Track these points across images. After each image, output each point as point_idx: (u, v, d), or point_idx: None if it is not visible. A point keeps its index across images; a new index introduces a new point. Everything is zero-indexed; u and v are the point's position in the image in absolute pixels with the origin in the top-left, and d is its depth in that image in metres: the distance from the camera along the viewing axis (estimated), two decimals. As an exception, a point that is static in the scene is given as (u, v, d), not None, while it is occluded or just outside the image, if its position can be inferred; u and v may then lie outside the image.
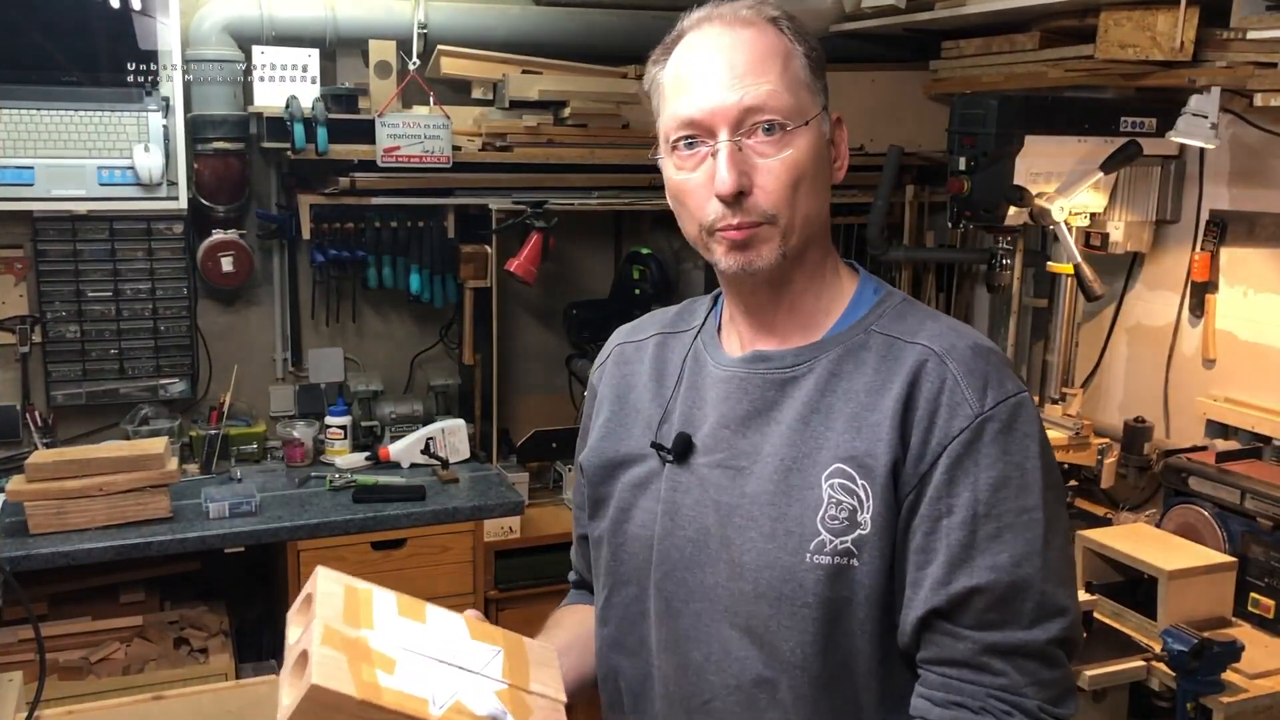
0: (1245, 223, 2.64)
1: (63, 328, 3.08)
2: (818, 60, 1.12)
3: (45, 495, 2.59)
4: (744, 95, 1.05)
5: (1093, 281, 2.63)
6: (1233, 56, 2.36)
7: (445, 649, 1.05)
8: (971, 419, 1.03)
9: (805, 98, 1.09)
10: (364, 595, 1.05)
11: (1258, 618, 2.31)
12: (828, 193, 1.13)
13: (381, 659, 1.00)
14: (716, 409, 1.15)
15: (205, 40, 3.01)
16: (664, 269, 3.39)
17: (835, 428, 1.07)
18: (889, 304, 1.14)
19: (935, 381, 1.05)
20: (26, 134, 2.88)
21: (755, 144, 1.06)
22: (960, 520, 1.02)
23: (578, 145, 3.24)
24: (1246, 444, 2.58)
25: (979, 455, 1.02)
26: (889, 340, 1.10)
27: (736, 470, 1.11)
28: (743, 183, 1.05)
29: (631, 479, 1.21)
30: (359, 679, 0.95)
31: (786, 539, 1.07)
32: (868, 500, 1.04)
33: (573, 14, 3.35)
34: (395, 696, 0.97)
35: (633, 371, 1.28)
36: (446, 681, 1.02)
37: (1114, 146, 2.58)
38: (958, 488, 1.02)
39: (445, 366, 3.52)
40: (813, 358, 1.11)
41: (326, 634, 0.98)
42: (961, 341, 1.08)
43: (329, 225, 3.16)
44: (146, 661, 2.74)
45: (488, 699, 1.03)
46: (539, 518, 3.12)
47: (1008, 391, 1.04)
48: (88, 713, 1.81)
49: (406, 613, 1.06)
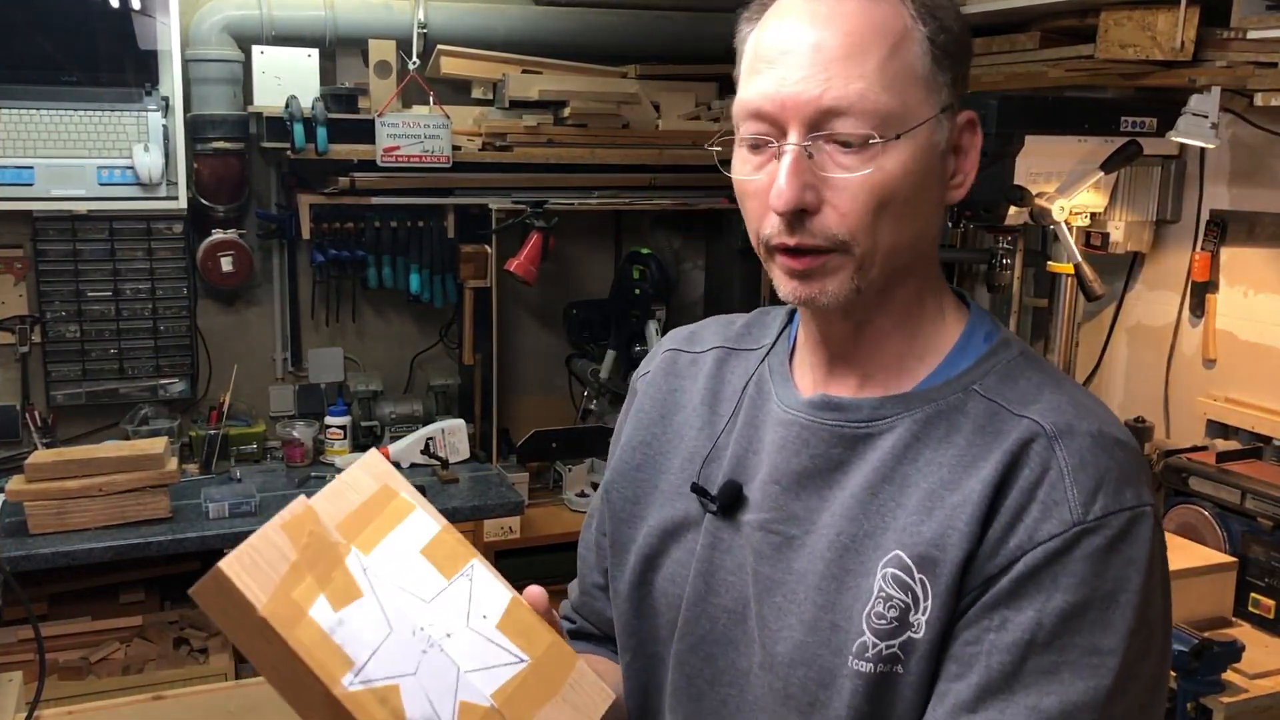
0: (1245, 223, 2.64)
1: (62, 328, 3.08)
2: (949, 44, 0.87)
3: (45, 495, 2.59)
4: (827, 90, 0.82)
5: (1093, 281, 2.63)
6: (1233, 56, 2.35)
7: (443, 621, 0.83)
8: (1067, 526, 0.81)
9: (914, 98, 0.85)
10: (395, 507, 0.85)
11: (1258, 618, 2.30)
12: (933, 216, 0.90)
13: (340, 587, 0.78)
14: (771, 458, 0.94)
15: (205, 40, 3.01)
16: (664, 269, 3.39)
17: (906, 505, 0.86)
18: (1000, 358, 0.91)
19: (1036, 469, 0.83)
20: (26, 134, 2.88)
21: (833, 152, 0.84)
22: (1012, 641, 0.81)
23: (578, 145, 3.24)
24: (1247, 444, 2.57)
25: (1062, 572, 0.81)
26: (992, 407, 0.88)
27: (784, 539, 0.91)
28: (806, 198, 0.84)
29: (663, 522, 1.00)
30: (282, 594, 0.75)
31: (831, 634, 0.87)
32: (925, 599, 0.84)
33: (573, 14, 3.35)
34: (311, 639, 0.75)
35: (683, 388, 1.05)
36: (401, 658, 0.79)
37: (1114, 146, 2.57)
38: (1022, 602, 0.81)
39: (445, 366, 3.52)
40: (895, 414, 0.90)
41: (294, 522, 0.79)
42: (1083, 424, 0.85)
43: (329, 225, 3.16)
44: (146, 661, 2.74)
45: (437, 702, 0.79)
46: (539, 518, 3.12)
47: (1125, 502, 0.82)
48: (87, 713, 1.81)
49: (434, 555, 0.85)
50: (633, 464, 1.05)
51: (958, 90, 0.88)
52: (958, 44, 0.88)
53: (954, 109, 0.88)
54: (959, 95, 0.89)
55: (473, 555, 0.87)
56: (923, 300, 0.93)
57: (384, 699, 0.76)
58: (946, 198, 0.90)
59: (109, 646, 2.76)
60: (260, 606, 0.73)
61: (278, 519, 0.79)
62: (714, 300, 3.66)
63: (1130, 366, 3.00)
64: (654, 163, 3.33)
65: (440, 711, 0.78)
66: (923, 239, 0.90)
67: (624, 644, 1.03)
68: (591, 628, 1.14)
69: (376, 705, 0.76)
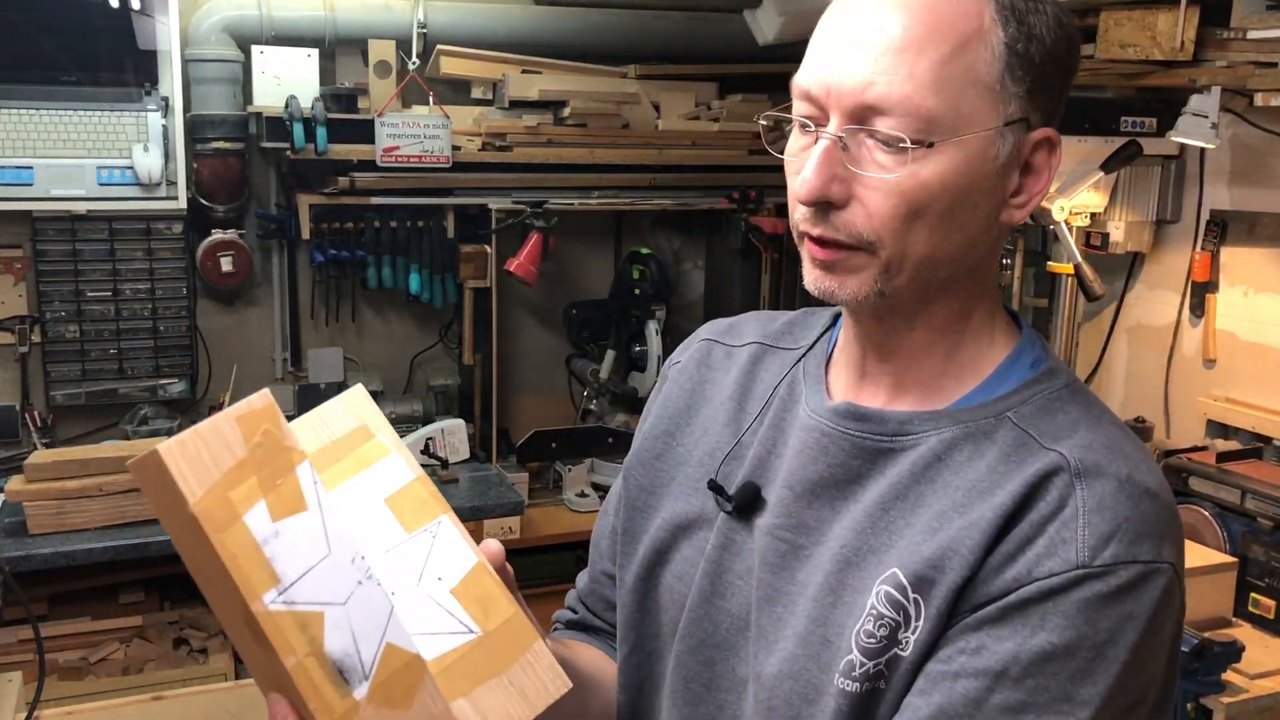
0: (1246, 222, 2.64)
1: (62, 328, 3.08)
2: (1031, 53, 0.79)
3: (45, 495, 2.59)
4: (871, 85, 0.77)
5: (1093, 281, 2.63)
6: (1233, 56, 2.35)
7: (394, 569, 0.76)
8: (1069, 567, 0.76)
9: (971, 105, 0.78)
10: (369, 449, 0.79)
11: (1258, 618, 2.30)
12: (982, 233, 0.83)
13: (284, 496, 0.71)
14: (789, 463, 0.90)
15: (205, 40, 3.01)
16: (664, 269, 3.39)
17: (915, 524, 0.82)
18: (1042, 388, 0.86)
19: (1053, 504, 0.78)
20: (26, 134, 2.87)
21: (872, 148, 0.79)
22: (982, 668, 0.76)
23: (578, 145, 3.24)
24: (1247, 444, 2.57)
25: (1053, 611, 0.76)
26: (1022, 437, 0.82)
27: (791, 547, 0.88)
28: (833, 191, 0.80)
29: (676, 516, 0.97)
30: (218, 492, 0.68)
31: (822, 649, 0.83)
32: (916, 619, 0.80)
33: (573, 14, 3.34)
34: (239, 546, 0.69)
35: (714, 380, 1.01)
36: (334, 584, 0.72)
37: (1114, 146, 2.57)
38: (1004, 631, 0.77)
39: (445, 366, 3.52)
40: (921, 431, 0.85)
41: (250, 416, 0.71)
42: (1113, 466, 0.79)
43: (328, 225, 3.15)
44: (146, 662, 2.74)
45: (360, 639, 0.72)
46: (539, 518, 3.12)
47: (1139, 555, 0.77)
48: (87, 713, 1.82)
49: (399, 505, 0.78)
50: (653, 453, 1.01)
51: (1038, 104, 0.81)
52: (1048, 56, 0.80)
53: (1027, 124, 0.81)
54: (1043, 110, 0.82)
55: (443, 511, 0.80)
56: (967, 318, 0.88)
57: (305, 624, 0.71)
58: (1005, 216, 0.84)
59: (109, 647, 2.75)
60: (192, 502, 0.68)
61: (234, 409, 0.72)
62: (714, 300, 3.66)
63: (1130, 366, 3.00)
64: (654, 163, 3.32)
65: (362, 649, 0.72)
66: (970, 255, 0.84)
67: (623, 636, 1.01)
68: (595, 618, 1.10)
69: (295, 629, 0.71)
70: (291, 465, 0.73)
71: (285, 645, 0.70)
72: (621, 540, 1.01)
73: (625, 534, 1.01)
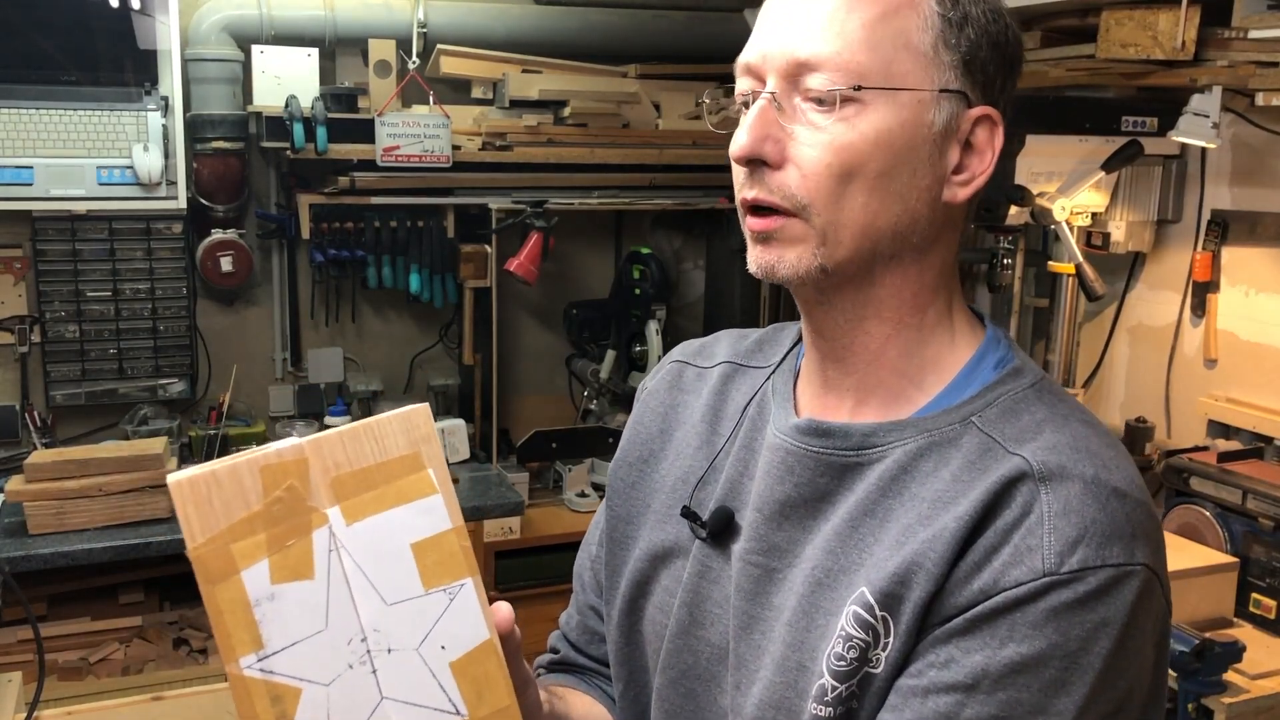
0: (1247, 222, 2.64)
1: (62, 328, 3.07)
2: (963, 25, 0.81)
3: (45, 495, 2.58)
4: (804, 43, 0.79)
5: (1094, 281, 2.63)
6: (1234, 56, 2.35)
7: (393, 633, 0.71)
8: (1036, 575, 0.74)
9: (904, 66, 0.79)
10: (413, 481, 0.72)
11: (1259, 618, 2.30)
12: (922, 205, 0.82)
13: (291, 559, 0.68)
14: (758, 485, 0.88)
15: (205, 40, 3.01)
16: (664, 269, 3.39)
17: (884, 540, 0.80)
18: (1007, 389, 0.83)
19: (1017, 511, 0.76)
20: (26, 134, 2.87)
21: (806, 109, 0.80)
22: (952, 682, 0.75)
23: (578, 145, 3.24)
24: (1248, 444, 2.57)
25: (1022, 621, 0.74)
26: (987, 442, 0.80)
27: (765, 571, 0.86)
28: (766, 149, 0.80)
29: (653, 546, 0.95)
30: (221, 542, 0.66)
31: (798, 674, 0.81)
32: (886, 636, 0.78)
33: (573, 13, 3.34)
34: (229, 602, 0.66)
35: (686, 403, 1.00)
36: (321, 663, 0.69)
37: (1115, 146, 2.57)
38: (972, 644, 0.75)
39: (445, 366, 3.52)
40: (887, 444, 0.83)
41: (278, 468, 0.67)
42: (1078, 467, 0.77)
43: (328, 225, 3.15)
44: (146, 662, 2.73)
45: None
46: (539, 518, 3.11)
47: (1109, 558, 0.74)
48: (87, 713, 1.81)
49: (424, 555, 0.72)
50: (628, 481, 1.00)
51: (975, 80, 0.82)
52: (983, 33, 0.81)
53: (966, 99, 0.81)
54: (982, 89, 0.82)
55: (469, 574, 0.74)
56: (922, 311, 0.85)
57: (278, 697, 0.67)
58: (948, 194, 0.83)
59: (108, 647, 2.75)
60: (191, 546, 0.65)
61: (262, 456, 0.69)
62: (714, 300, 3.66)
63: (1131, 366, 2.99)
64: (654, 163, 3.32)
65: None
66: (912, 230, 0.82)
67: (617, 673, 0.99)
68: (580, 655, 1.08)
69: (266, 700, 0.67)
70: (309, 528, 0.69)
71: (250, 713, 0.67)
72: (606, 574, 1.00)
73: (608, 567, 0.99)
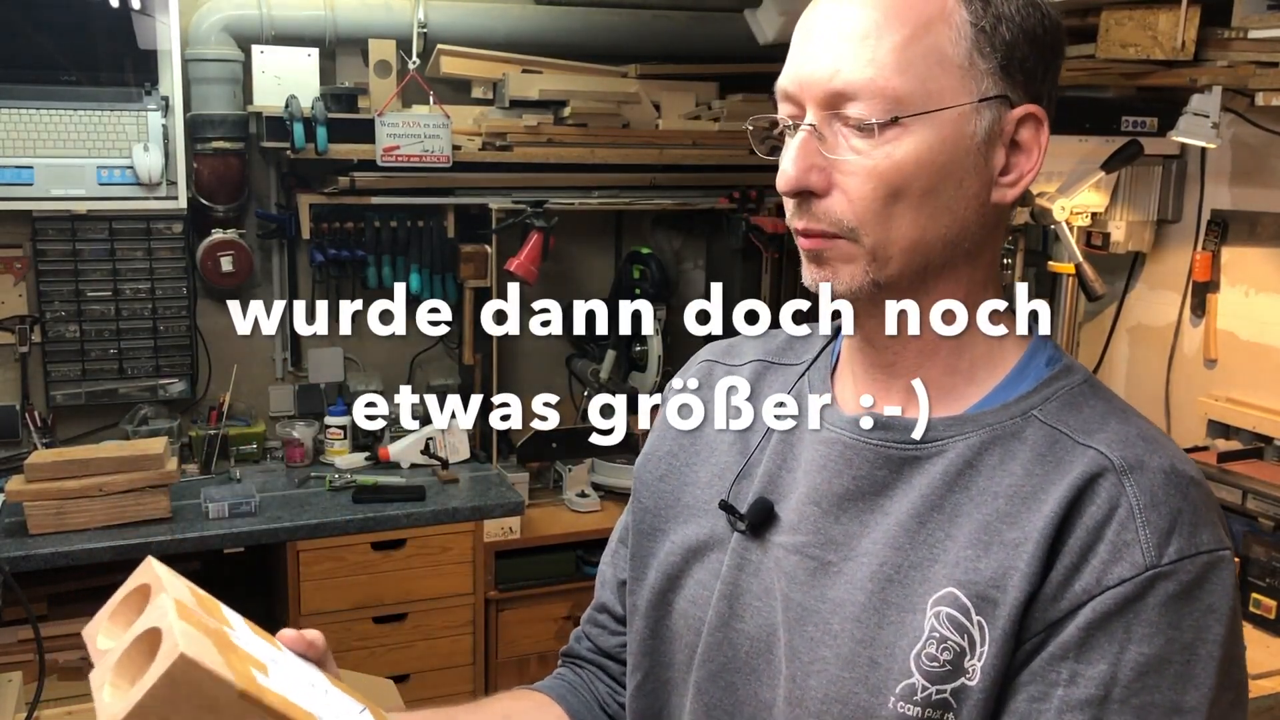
0: (1246, 222, 2.64)
1: (62, 328, 3.07)
2: (998, 29, 0.80)
3: (45, 495, 2.59)
4: (837, 72, 0.79)
5: (1094, 281, 2.63)
6: (1234, 56, 2.35)
7: (312, 680, 0.82)
8: (1139, 570, 0.74)
9: (940, 84, 0.79)
10: (209, 600, 0.80)
11: (1259, 618, 2.30)
12: (972, 213, 0.82)
13: (250, 657, 0.75)
14: (809, 478, 0.88)
15: (205, 40, 3.01)
16: (664, 269, 3.39)
17: (958, 537, 0.80)
18: (1064, 384, 0.84)
19: (1104, 505, 0.76)
20: (26, 134, 2.87)
21: (847, 135, 0.80)
22: (1084, 698, 0.74)
23: (578, 145, 3.24)
24: (1248, 444, 2.57)
25: (1136, 621, 0.74)
26: (1053, 434, 0.81)
27: (820, 564, 0.85)
28: (812, 180, 0.81)
29: (686, 540, 0.96)
30: (234, 667, 0.70)
31: (870, 670, 0.81)
32: (981, 643, 0.77)
33: (573, 13, 3.34)
34: (280, 700, 0.72)
35: (716, 399, 1.01)
36: (327, 709, 0.79)
37: (1115, 146, 2.57)
38: (1093, 655, 0.74)
39: (445, 366, 3.52)
40: (948, 437, 0.83)
41: (182, 610, 0.71)
42: (1154, 459, 0.78)
43: (329, 225, 3.15)
44: (146, 662, 2.74)
45: None
46: (539, 518, 3.11)
47: (1201, 545, 0.76)
48: (87, 713, 1.81)
49: (259, 633, 0.83)
50: (656, 474, 1.01)
51: (1016, 81, 0.81)
52: (1019, 32, 0.81)
53: (1007, 101, 0.81)
54: (1024, 88, 0.82)
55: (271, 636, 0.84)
56: (973, 308, 0.86)
57: None
58: (997, 196, 0.83)
59: (109, 647, 2.75)
60: (235, 681, 0.68)
61: (172, 611, 0.71)
62: (714, 300, 3.66)
63: (1131, 366, 2.99)
64: (654, 163, 3.32)
65: None
66: (963, 238, 0.83)
67: (636, 664, 0.99)
68: (583, 648, 1.09)
69: None
70: (231, 639, 0.74)
71: None
72: (630, 565, 1.00)
73: (634, 559, 1.00)
